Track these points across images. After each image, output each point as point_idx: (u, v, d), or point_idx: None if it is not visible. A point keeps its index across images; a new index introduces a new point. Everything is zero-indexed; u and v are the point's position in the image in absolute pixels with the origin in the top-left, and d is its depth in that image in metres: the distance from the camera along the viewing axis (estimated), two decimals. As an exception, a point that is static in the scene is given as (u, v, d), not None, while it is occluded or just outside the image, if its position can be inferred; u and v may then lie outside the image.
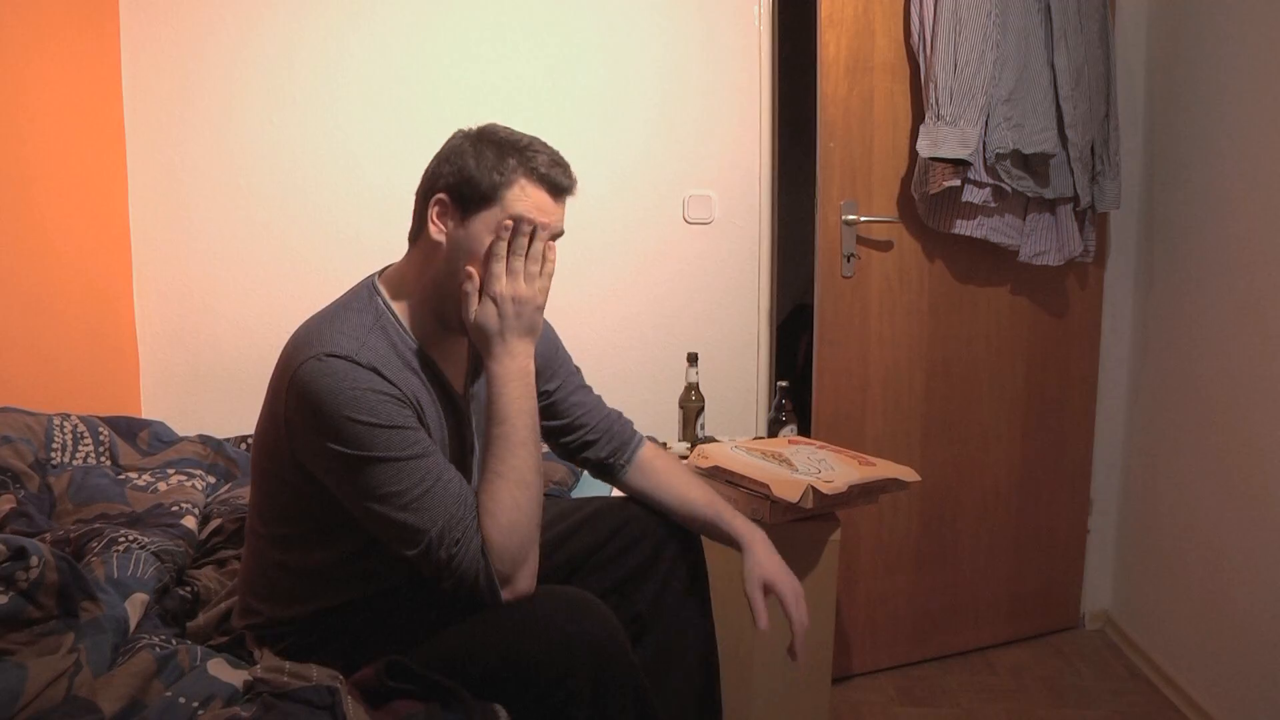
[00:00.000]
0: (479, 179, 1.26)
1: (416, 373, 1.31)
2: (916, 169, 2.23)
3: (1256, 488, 1.98)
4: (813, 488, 1.76)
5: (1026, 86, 2.20)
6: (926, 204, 2.27)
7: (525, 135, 1.31)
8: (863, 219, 2.27)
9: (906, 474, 1.91)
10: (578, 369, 1.65)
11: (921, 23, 2.19)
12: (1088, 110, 2.27)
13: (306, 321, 1.31)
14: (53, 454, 1.91)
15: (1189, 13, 2.30)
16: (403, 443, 1.21)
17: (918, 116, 2.24)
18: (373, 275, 1.38)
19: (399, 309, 1.33)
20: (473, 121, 2.59)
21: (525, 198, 1.28)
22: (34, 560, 1.24)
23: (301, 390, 1.22)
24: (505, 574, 1.24)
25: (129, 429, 2.14)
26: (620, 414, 1.67)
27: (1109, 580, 2.67)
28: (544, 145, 1.31)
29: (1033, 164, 2.25)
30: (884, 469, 1.92)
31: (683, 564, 1.52)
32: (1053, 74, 2.23)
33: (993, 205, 2.25)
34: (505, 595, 1.24)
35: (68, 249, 2.30)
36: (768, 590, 1.47)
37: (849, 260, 2.28)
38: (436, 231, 1.29)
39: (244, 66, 2.52)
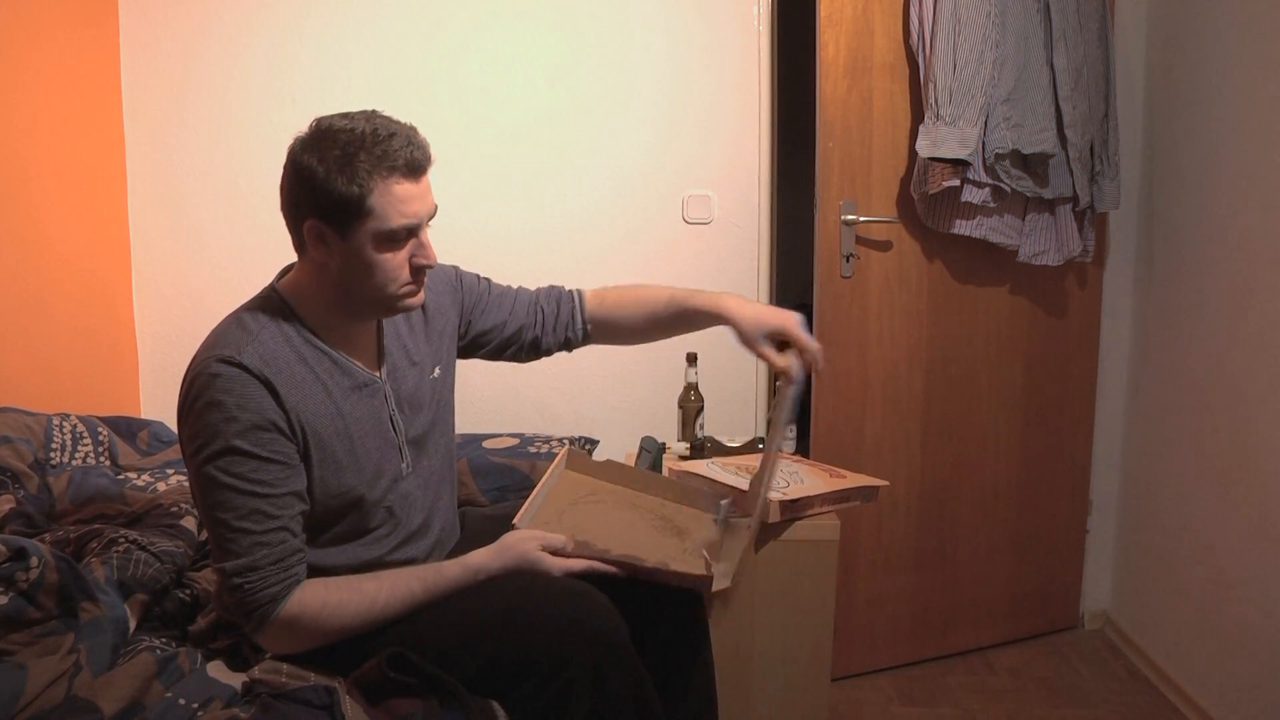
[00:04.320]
0: (338, 194, 1.21)
1: (312, 365, 1.32)
2: (916, 169, 2.23)
3: (1255, 487, 1.98)
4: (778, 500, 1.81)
5: (1026, 87, 2.20)
6: (926, 204, 2.27)
7: (360, 120, 1.24)
8: (862, 219, 2.27)
9: (874, 481, 1.96)
10: (487, 279, 1.66)
11: (921, 23, 2.19)
12: (1087, 110, 2.28)
13: (217, 325, 1.34)
14: (52, 454, 1.91)
15: (1188, 13, 2.30)
16: (244, 470, 1.23)
17: (917, 116, 2.24)
18: (274, 278, 1.40)
19: (299, 307, 1.34)
20: (475, 120, 2.60)
21: (389, 197, 1.23)
22: (34, 561, 1.24)
23: (190, 397, 1.25)
24: (276, 634, 1.27)
25: (128, 429, 2.14)
26: (549, 289, 1.67)
27: (1108, 580, 2.68)
28: (385, 124, 1.24)
29: (1032, 164, 2.25)
30: (852, 480, 1.96)
31: None
32: (1052, 74, 2.23)
33: (992, 205, 2.25)
34: (258, 639, 1.29)
35: (67, 249, 2.30)
36: (774, 340, 1.49)
37: (848, 260, 2.28)
38: (322, 252, 1.28)
39: (243, 66, 2.52)
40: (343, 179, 1.21)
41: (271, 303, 1.34)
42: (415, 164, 1.25)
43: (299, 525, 1.29)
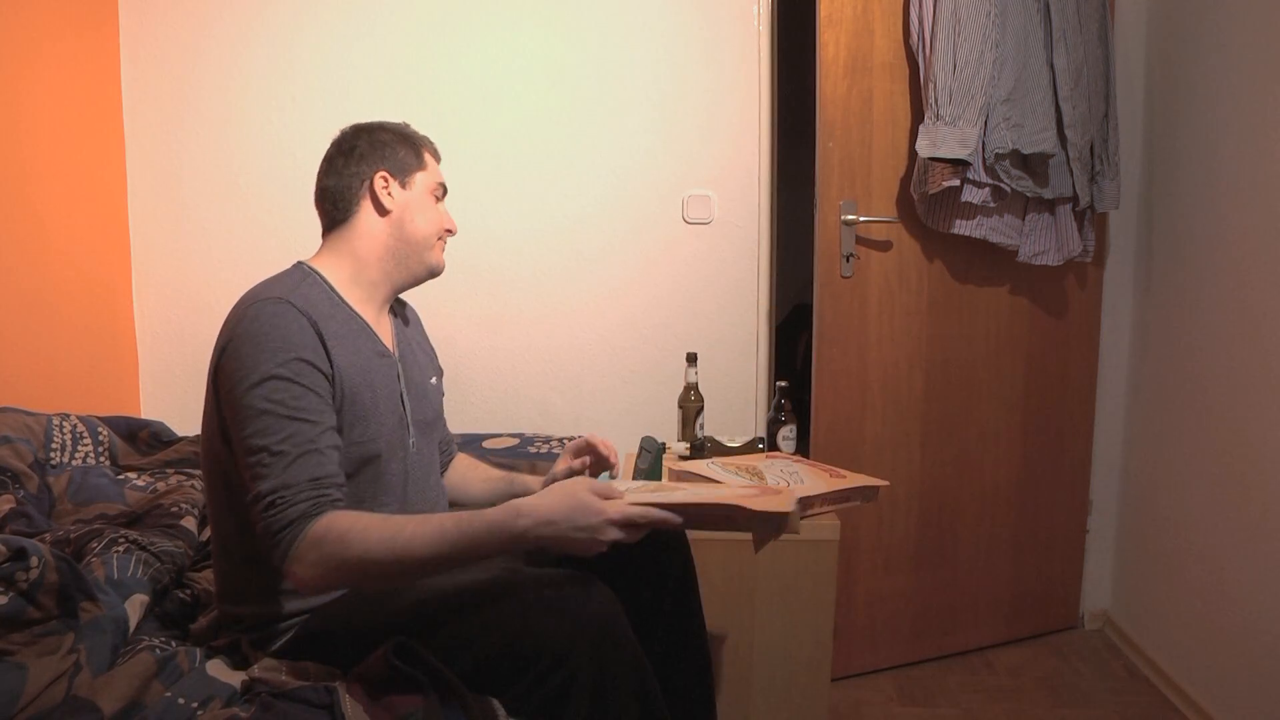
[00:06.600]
0: (407, 155, 1.51)
1: (343, 322, 1.41)
2: (916, 169, 2.23)
3: (1254, 487, 1.98)
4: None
5: (1026, 87, 2.20)
6: (926, 204, 2.27)
7: (388, 121, 1.55)
8: (862, 219, 2.27)
9: (874, 481, 1.85)
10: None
11: (921, 22, 2.19)
12: (1087, 110, 2.28)
13: (245, 293, 1.39)
14: (52, 454, 1.92)
15: (1189, 13, 2.30)
16: (286, 397, 1.27)
17: (917, 116, 2.24)
18: (296, 261, 1.49)
19: (328, 276, 1.45)
20: (475, 120, 2.61)
21: (433, 161, 1.56)
22: (34, 561, 1.24)
23: (233, 337, 1.30)
24: (301, 557, 1.22)
25: (128, 429, 2.14)
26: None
27: (1108, 580, 2.68)
28: (408, 125, 1.57)
29: (1032, 164, 2.25)
30: (852, 480, 1.91)
31: (672, 560, 1.54)
32: (1052, 74, 2.23)
33: (992, 205, 2.25)
34: (287, 567, 1.23)
35: (67, 249, 2.30)
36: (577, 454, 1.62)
37: (848, 260, 2.28)
38: (389, 200, 1.47)
39: (243, 66, 2.52)
40: (407, 144, 1.52)
41: (301, 270, 1.45)
42: (437, 150, 1.58)
43: (335, 459, 1.30)
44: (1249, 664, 1.99)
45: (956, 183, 2.17)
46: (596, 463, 1.61)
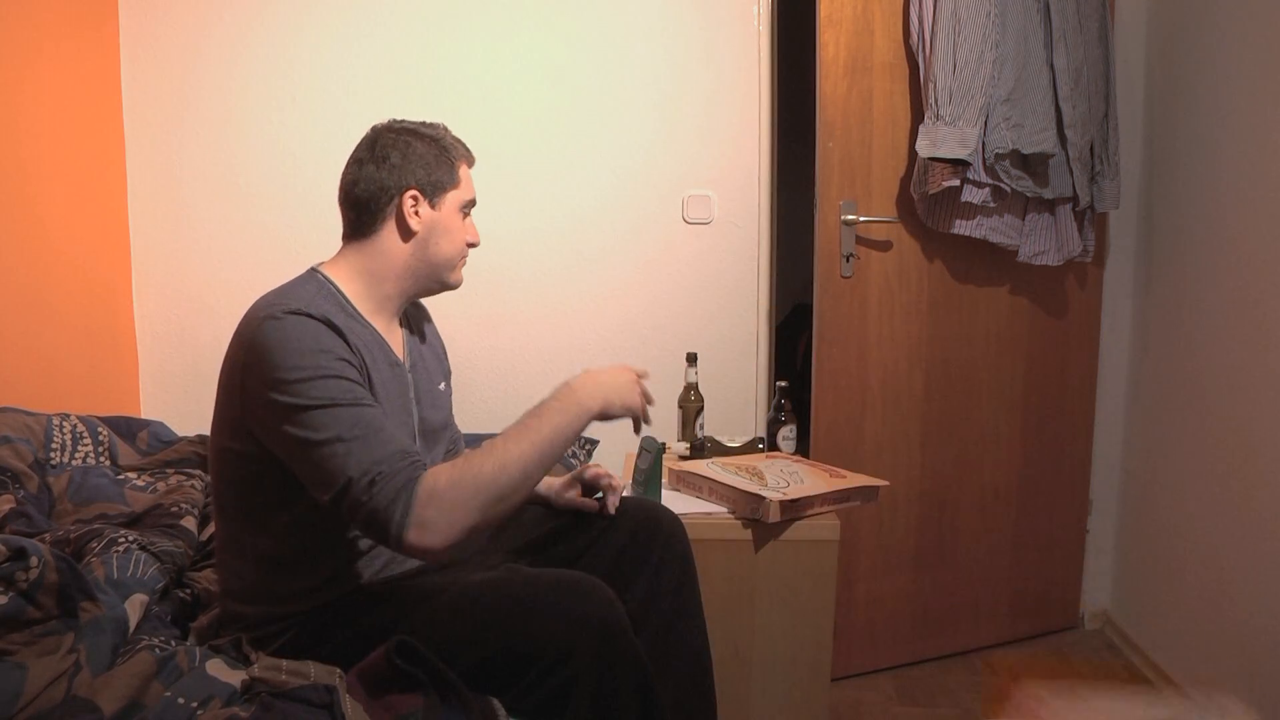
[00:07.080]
0: (441, 171, 1.45)
1: (358, 333, 1.38)
2: (916, 169, 2.23)
3: (1254, 487, 1.98)
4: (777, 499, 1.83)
5: (1026, 87, 2.20)
6: (926, 204, 2.27)
7: (425, 122, 1.49)
8: (862, 219, 2.27)
9: (874, 481, 1.97)
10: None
11: (921, 22, 2.19)
12: (1087, 110, 2.28)
13: (256, 300, 1.36)
14: (52, 454, 1.91)
15: (1189, 13, 2.30)
16: (340, 390, 1.25)
17: (917, 116, 2.24)
18: (310, 267, 1.46)
19: (342, 286, 1.42)
20: (476, 120, 2.60)
21: (466, 175, 1.50)
22: (34, 561, 1.24)
23: (257, 346, 1.27)
24: (424, 519, 1.20)
25: (128, 429, 2.14)
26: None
27: (1108, 580, 2.68)
28: (445, 129, 1.51)
29: (1032, 164, 2.25)
30: (852, 480, 1.97)
31: (671, 560, 1.54)
32: (1052, 74, 2.23)
33: (992, 205, 2.25)
34: (411, 537, 1.20)
35: (67, 249, 2.30)
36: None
37: (848, 260, 2.28)
38: (415, 221, 1.43)
39: (243, 66, 2.52)
40: (443, 157, 1.45)
41: (315, 280, 1.41)
42: (472, 157, 1.52)
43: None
44: (1249, 664, 1.99)
45: (956, 183, 2.17)
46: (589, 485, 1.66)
